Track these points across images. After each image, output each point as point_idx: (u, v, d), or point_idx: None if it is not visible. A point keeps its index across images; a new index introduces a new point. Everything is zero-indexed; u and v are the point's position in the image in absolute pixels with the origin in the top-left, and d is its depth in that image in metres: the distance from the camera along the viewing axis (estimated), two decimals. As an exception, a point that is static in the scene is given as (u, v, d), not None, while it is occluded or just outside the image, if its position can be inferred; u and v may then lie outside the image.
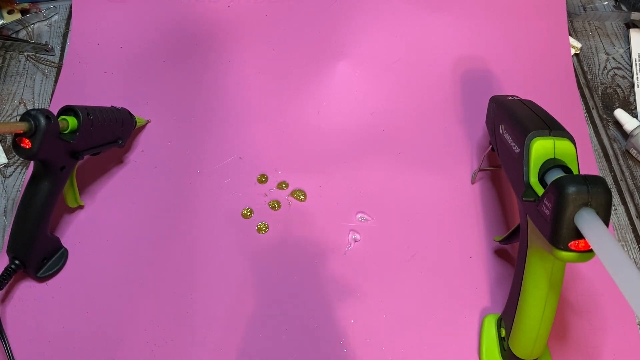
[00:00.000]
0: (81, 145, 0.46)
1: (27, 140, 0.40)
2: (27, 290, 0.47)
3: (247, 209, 0.52)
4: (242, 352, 0.45)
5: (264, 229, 0.51)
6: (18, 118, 0.57)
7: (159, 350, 0.45)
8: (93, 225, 0.51)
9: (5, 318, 0.46)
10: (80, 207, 0.51)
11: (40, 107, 0.44)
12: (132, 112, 0.53)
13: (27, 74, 0.61)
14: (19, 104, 0.59)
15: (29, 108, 0.59)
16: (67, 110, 0.45)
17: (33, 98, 0.59)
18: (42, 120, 0.40)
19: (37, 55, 0.63)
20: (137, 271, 0.48)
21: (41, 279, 0.47)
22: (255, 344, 0.45)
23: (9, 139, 0.56)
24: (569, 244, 0.32)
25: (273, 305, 0.47)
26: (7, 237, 0.46)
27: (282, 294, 0.48)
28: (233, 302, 0.47)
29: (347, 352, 0.45)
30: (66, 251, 0.49)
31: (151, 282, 0.48)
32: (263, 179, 0.54)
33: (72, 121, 0.44)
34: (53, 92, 0.59)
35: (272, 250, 0.50)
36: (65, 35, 0.65)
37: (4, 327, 0.45)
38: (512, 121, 0.42)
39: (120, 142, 0.51)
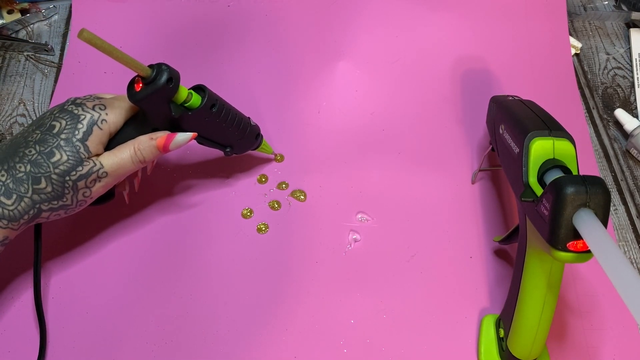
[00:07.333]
0: (187, 125, 0.43)
1: (140, 85, 0.39)
2: (26, 289, 0.47)
3: (247, 209, 0.52)
4: (242, 351, 0.45)
5: (264, 229, 0.51)
6: (17, 118, 0.58)
7: (159, 350, 0.45)
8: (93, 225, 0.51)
9: (4, 318, 0.46)
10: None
11: (169, 66, 0.39)
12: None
13: (26, 73, 0.61)
14: (19, 103, 0.59)
15: (28, 108, 0.59)
16: (200, 89, 0.44)
17: (33, 98, 0.60)
18: (162, 79, 0.38)
19: (36, 55, 0.63)
20: (136, 271, 0.48)
21: None
22: (256, 344, 0.45)
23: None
24: (567, 245, 0.32)
25: (273, 305, 0.47)
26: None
27: (282, 294, 0.48)
28: (233, 302, 0.47)
29: (347, 352, 0.45)
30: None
31: (150, 282, 0.48)
32: (263, 179, 0.54)
33: (195, 99, 0.42)
34: (53, 92, 0.59)
35: (272, 251, 0.50)
36: (65, 35, 0.65)
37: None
38: (512, 121, 0.42)
39: (228, 150, 0.49)
